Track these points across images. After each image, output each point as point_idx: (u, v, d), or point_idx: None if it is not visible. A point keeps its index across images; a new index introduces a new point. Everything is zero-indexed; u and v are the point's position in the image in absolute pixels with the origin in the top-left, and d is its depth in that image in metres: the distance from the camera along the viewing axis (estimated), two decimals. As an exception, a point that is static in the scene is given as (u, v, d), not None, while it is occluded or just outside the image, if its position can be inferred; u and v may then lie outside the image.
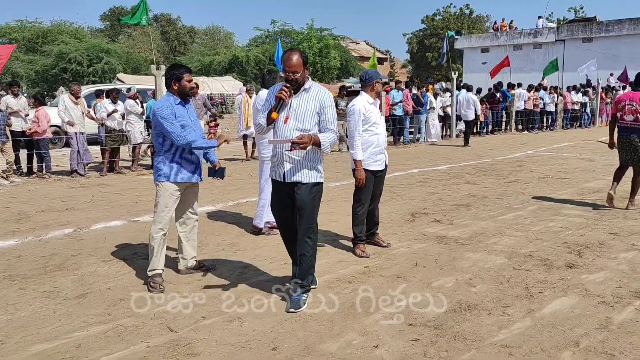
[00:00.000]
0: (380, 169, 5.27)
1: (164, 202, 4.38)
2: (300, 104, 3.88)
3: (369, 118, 5.08)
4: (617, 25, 32.42)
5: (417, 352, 3.23)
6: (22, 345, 3.39)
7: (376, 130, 5.14)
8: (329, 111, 3.93)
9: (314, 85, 3.97)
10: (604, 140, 9.44)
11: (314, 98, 3.90)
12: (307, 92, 3.90)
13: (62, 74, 34.00)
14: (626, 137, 6.87)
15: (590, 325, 3.58)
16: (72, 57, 33.51)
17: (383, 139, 5.24)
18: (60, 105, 10.20)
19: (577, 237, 5.68)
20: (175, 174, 4.35)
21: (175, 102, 4.38)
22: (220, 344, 3.37)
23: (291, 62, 3.79)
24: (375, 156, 5.16)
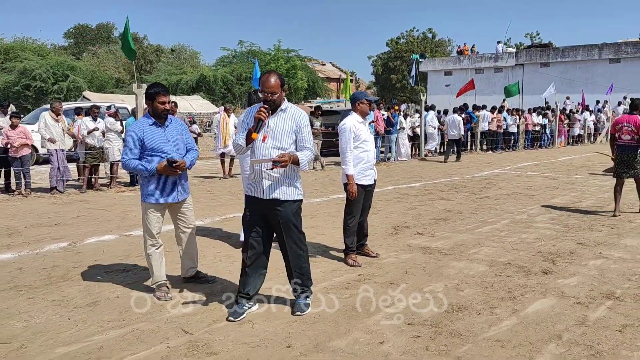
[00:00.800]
0: (370, 183, 5.61)
1: (148, 220, 4.52)
2: (278, 124, 4.06)
3: (359, 136, 5.43)
4: (572, 51, 34.10)
5: (419, 346, 3.56)
6: (45, 349, 3.56)
7: (366, 147, 5.49)
8: (305, 130, 4.15)
9: (290, 105, 4.19)
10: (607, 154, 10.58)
11: (291, 118, 4.11)
12: (283, 112, 4.10)
13: (24, 91, 33.47)
14: (625, 153, 7.81)
15: (570, 322, 3.98)
16: (37, 74, 33.05)
17: (372, 155, 5.59)
18: (41, 122, 10.25)
19: (549, 247, 6.14)
20: (152, 195, 4.45)
21: (149, 123, 4.47)
22: (236, 344, 3.62)
23: (269, 83, 3.98)
24: (365, 171, 5.51)
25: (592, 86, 30.62)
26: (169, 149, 4.46)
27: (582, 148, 22.49)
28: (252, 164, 4.13)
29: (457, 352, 3.48)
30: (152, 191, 4.45)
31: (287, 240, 4.13)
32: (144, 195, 4.49)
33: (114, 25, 61.09)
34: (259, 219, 4.13)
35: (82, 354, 3.47)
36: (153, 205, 4.48)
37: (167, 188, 4.48)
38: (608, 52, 32.75)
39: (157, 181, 4.44)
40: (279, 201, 4.06)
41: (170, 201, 4.53)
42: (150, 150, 4.40)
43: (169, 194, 4.50)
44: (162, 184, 4.46)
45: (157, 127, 4.48)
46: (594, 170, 14.03)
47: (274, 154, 4.00)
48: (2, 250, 6.03)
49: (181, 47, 57.13)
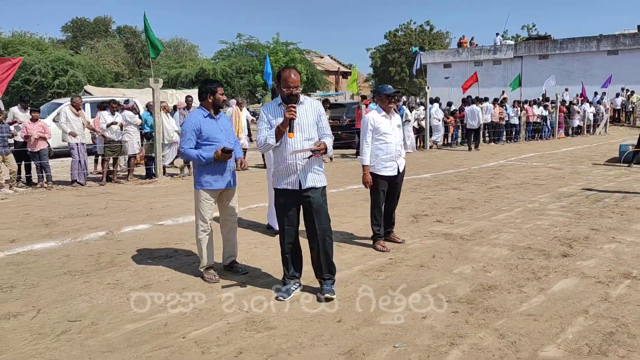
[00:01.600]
0: (391, 174, 5.78)
1: (201, 207, 4.86)
2: (302, 117, 4.30)
3: (377, 129, 5.67)
4: (570, 43, 34.44)
5: (459, 320, 3.88)
6: (115, 325, 3.86)
7: (386, 139, 5.68)
8: (324, 119, 4.46)
9: (306, 98, 4.47)
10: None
11: (311, 109, 4.38)
12: (303, 104, 4.35)
13: (24, 86, 33.55)
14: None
15: (593, 298, 4.31)
16: (36, 69, 33.13)
17: (393, 147, 5.74)
18: (62, 117, 10.50)
19: (564, 232, 6.47)
20: (208, 182, 4.80)
21: (204, 115, 4.84)
22: (290, 319, 3.93)
23: (293, 78, 4.22)
24: (384, 162, 5.71)
25: (590, 78, 30.97)
26: (222, 137, 4.84)
27: (582, 139, 22.86)
28: (281, 157, 4.34)
29: (494, 325, 3.81)
30: (208, 178, 4.79)
31: (317, 227, 4.37)
32: (200, 182, 4.81)
33: (112, 19, 61.01)
34: (293, 209, 4.40)
35: (149, 330, 3.78)
36: (208, 191, 4.82)
37: (220, 176, 4.83)
38: (606, 44, 33.10)
39: (212, 169, 4.78)
40: (312, 189, 4.34)
41: (223, 187, 4.87)
42: (206, 139, 4.75)
43: (222, 181, 4.85)
44: (216, 172, 4.80)
45: (211, 118, 4.85)
46: (597, 161, 14.38)
47: (306, 145, 4.28)
48: (45, 239, 6.31)
49: (179, 41, 57.14)
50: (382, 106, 5.77)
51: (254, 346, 3.51)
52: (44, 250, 5.86)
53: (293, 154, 4.27)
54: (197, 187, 4.87)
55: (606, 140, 21.81)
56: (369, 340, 3.58)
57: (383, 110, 5.76)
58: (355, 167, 13.31)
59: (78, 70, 35.42)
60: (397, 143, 5.79)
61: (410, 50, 46.16)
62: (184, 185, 10.63)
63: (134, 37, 55.29)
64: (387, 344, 3.51)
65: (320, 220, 4.37)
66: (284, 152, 4.31)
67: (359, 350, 3.44)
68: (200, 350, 3.46)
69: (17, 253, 5.74)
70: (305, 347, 3.48)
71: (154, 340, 3.60)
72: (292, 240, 4.47)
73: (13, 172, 9.95)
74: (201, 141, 4.76)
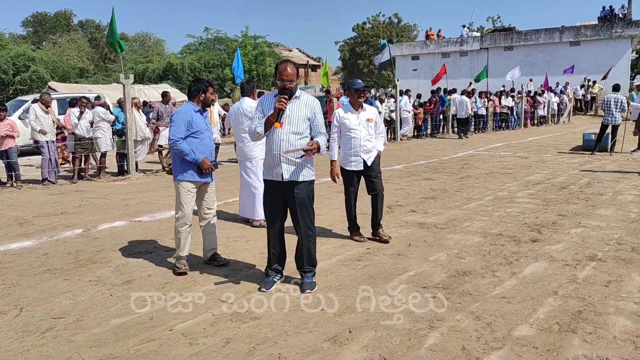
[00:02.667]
0: (356, 169, 5.82)
1: (183, 199, 4.98)
2: (293, 110, 4.40)
3: (344, 124, 5.77)
4: (534, 35, 35.20)
5: (437, 305, 4.05)
6: (100, 321, 3.90)
7: (352, 134, 5.74)
8: (319, 117, 4.53)
9: (303, 93, 4.54)
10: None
11: (305, 105, 4.47)
12: (298, 99, 4.44)
13: (-17, 83, 32.63)
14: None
15: (562, 280, 4.53)
16: (-4, 66, 32.22)
17: (359, 142, 5.75)
18: (31, 114, 10.32)
19: (533, 219, 6.72)
20: (191, 174, 4.96)
21: (195, 110, 5.04)
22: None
23: (288, 72, 4.32)
24: (349, 157, 5.79)
25: (554, 68, 31.75)
26: (207, 134, 5.06)
27: (547, 129, 23.47)
28: (267, 148, 4.46)
29: (470, 308, 3.98)
30: (189, 169, 4.94)
31: (300, 221, 4.47)
32: (182, 174, 4.96)
33: (73, 12, 59.55)
34: (279, 201, 4.50)
35: (136, 324, 3.83)
36: (190, 182, 4.97)
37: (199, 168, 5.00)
38: (568, 36, 33.95)
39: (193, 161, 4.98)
40: (296, 182, 4.42)
41: (205, 180, 5.04)
42: (194, 132, 4.95)
43: (205, 174, 5.04)
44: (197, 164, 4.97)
45: (200, 114, 5.07)
46: (562, 150, 14.83)
47: (292, 138, 4.36)
48: (21, 238, 6.26)
49: (145, 35, 56.19)
50: (351, 101, 5.79)
51: (240, 336, 3.60)
52: (20, 249, 5.82)
53: (286, 154, 4.33)
54: (179, 178, 4.99)
55: (570, 129, 22.45)
56: (352, 326, 3.71)
57: (351, 105, 5.80)
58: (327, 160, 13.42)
59: (40, 66, 34.56)
60: (363, 138, 5.77)
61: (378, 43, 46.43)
62: (158, 181, 10.59)
63: (97, 31, 54.23)
64: (370, 329, 3.65)
65: (302, 215, 4.44)
66: (272, 143, 4.38)
67: (342, 336, 3.56)
68: (188, 341, 3.54)
69: (-7, 253, 5.69)
70: (291, 335, 3.59)
71: (141, 334, 3.66)
72: (276, 233, 4.56)
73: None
74: (190, 133, 4.93)
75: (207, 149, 5.02)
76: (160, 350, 3.43)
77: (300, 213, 4.44)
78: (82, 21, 58.47)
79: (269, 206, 4.55)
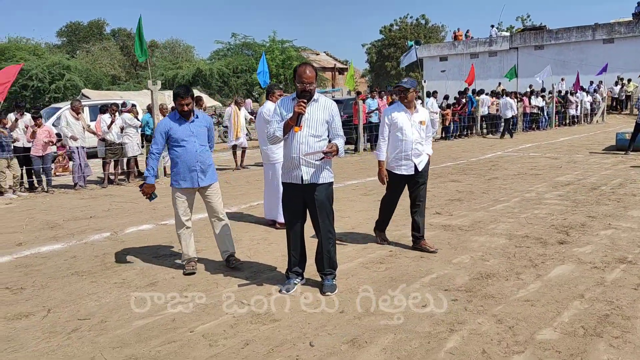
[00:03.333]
0: (407, 173, 5.43)
1: (175, 204, 5.14)
2: (312, 113, 4.39)
3: (395, 124, 5.37)
4: (565, 33, 34.48)
5: (459, 307, 3.99)
6: (124, 322, 3.97)
7: (402, 136, 5.35)
8: (337, 119, 4.52)
9: (321, 96, 4.52)
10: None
11: (323, 107, 4.45)
12: (317, 102, 4.43)
13: (22, 91, 33.62)
14: None
15: (589, 283, 4.42)
16: (33, 74, 33.19)
17: (410, 145, 5.36)
18: (62, 121, 10.60)
19: (561, 220, 6.58)
20: (175, 180, 5.07)
21: (176, 118, 5.09)
22: (294, 312, 4.04)
23: (307, 74, 4.32)
24: (399, 160, 5.42)
25: (586, 67, 31.00)
26: (193, 140, 5.03)
27: (580, 129, 22.96)
28: (287, 151, 4.47)
29: (493, 310, 3.92)
30: (177, 177, 5.05)
31: (320, 224, 4.47)
32: (171, 179, 5.13)
33: (105, 21, 60.99)
34: (298, 204, 4.50)
35: (158, 325, 3.89)
36: (177, 189, 5.08)
37: (185, 175, 5.04)
38: (602, 33, 33.13)
39: (178, 169, 5.05)
40: (315, 185, 4.42)
41: (190, 186, 5.06)
42: (175, 141, 5.01)
43: (187, 180, 5.04)
44: (181, 172, 5.03)
45: (183, 121, 5.06)
46: (594, 150, 14.49)
47: (311, 141, 4.37)
48: (51, 241, 6.42)
49: (175, 42, 57.15)
50: (401, 100, 5.44)
51: (259, 337, 3.62)
52: (50, 252, 5.97)
53: (306, 156, 4.34)
54: (170, 184, 5.17)
55: (603, 129, 21.91)
56: (371, 329, 3.69)
57: (403, 105, 5.42)
58: (353, 163, 13.43)
59: (75, 74, 35.49)
60: (415, 140, 5.38)
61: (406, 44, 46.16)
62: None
63: (129, 39, 55.33)
64: (389, 332, 3.62)
65: (322, 217, 4.44)
66: (291, 146, 4.39)
67: (361, 338, 3.55)
68: (208, 343, 3.57)
69: (25, 256, 5.84)
70: (310, 337, 3.59)
71: (163, 335, 3.71)
72: (297, 235, 4.57)
73: (17, 177, 10.04)
74: (171, 142, 5.05)
75: (192, 157, 4.99)
76: (180, 352, 3.47)
77: (320, 215, 4.44)
78: (114, 30, 59.84)
79: (288, 209, 4.57)
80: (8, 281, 5.00)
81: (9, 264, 5.59)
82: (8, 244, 6.38)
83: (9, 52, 38.72)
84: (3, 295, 4.64)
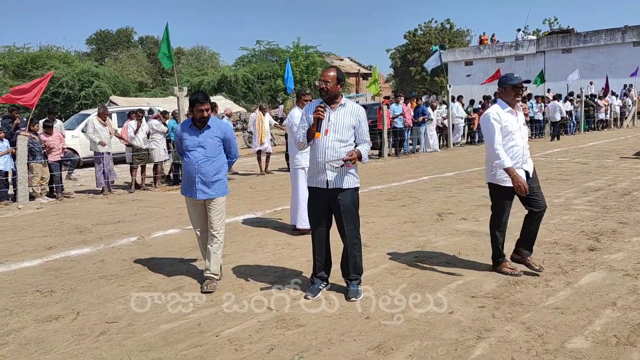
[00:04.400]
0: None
1: (188, 211, 5.09)
2: (338, 118, 4.40)
3: (505, 127, 4.65)
4: (594, 36, 33.92)
5: (486, 315, 3.93)
6: (150, 326, 4.01)
7: (513, 141, 4.67)
8: (364, 125, 4.51)
9: (349, 101, 4.53)
10: None
11: (350, 113, 4.46)
12: (343, 107, 4.45)
13: (53, 98, 34.40)
14: None
15: (622, 291, 4.31)
16: (64, 82, 33.93)
17: (521, 150, 4.72)
18: (89, 127, 10.81)
19: (591, 226, 6.44)
20: (183, 188, 5.00)
21: (189, 125, 4.91)
22: (319, 317, 4.03)
23: (327, 73, 4.37)
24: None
25: (615, 70, 30.44)
26: (199, 151, 4.83)
27: (609, 133, 22.49)
28: (312, 155, 4.49)
29: (521, 318, 3.85)
30: (184, 185, 4.99)
31: (345, 229, 4.46)
32: (181, 188, 5.12)
33: (133, 29, 62.10)
34: (323, 208, 4.50)
35: (184, 329, 3.92)
36: (186, 198, 5.01)
37: (187, 185, 4.92)
38: (632, 35, 32.51)
39: (185, 177, 4.97)
40: (340, 190, 4.42)
41: (190, 196, 4.91)
42: (185, 148, 4.92)
43: (189, 191, 4.92)
44: (187, 180, 4.93)
45: (194, 130, 4.88)
46: (625, 154, 14.17)
47: (337, 146, 4.36)
48: (80, 245, 6.53)
49: (200, 49, 57.84)
50: (506, 100, 4.72)
51: (285, 343, 3.61)
52: (79, 256, 6.07)
53: (328, 163, 4.35)
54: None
55: (634, 133, 21.42)
56: (397, 335, 3.65)
57: (508, 104, 4.72)
58: (378, 168, 13.37)
59: (103, 81, 36.16)
60: (524, 146, 4.75)
61: (430, 49, 45.91)
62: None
63: (156, 46, 56.17)
64: (415, 339, 3.58)
65: (347, 222, 4.43)
66: (316, 150, 4.41)
67: (387, 345, 3.52)
68: (234, 347, 3.58)
69: (55, 259, 5.96)
70: (335, 343, 3.57)
71: (189, 339, 3.74)
72: (321, 240, 4.56)
73: (45, 181, 10.24)
74: (181, 149, 5.01)
75: (192, 168, 4.82)
76: (206, 356, 3.49)
77: (346, 220, 4.43)
78: (142, 37, 60.89)
79: (313, 213, 4.57)
80: (39, 284, 5.10)
81: (39, 267, 5.70)
82: (39, 247, 6.52)
83: (40, 60, 39.66)
84: (34, 297, 4.73)
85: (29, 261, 5.91)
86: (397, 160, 15.30)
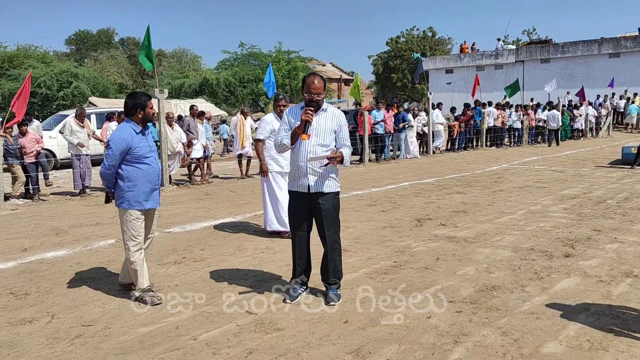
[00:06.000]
0: None
1: (132, 227, 4.58)
2: (320, 123, 4.43)
3: None
4: (572, 47, 34.57)
5: (463, 319, 3.97)
6: (127, 329, 3.97)
7: None
8: (345, 129, 4.54)
9: (329, 106, 4.56)
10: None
11: (332, 117, 4.49)
12: (325, 112, 4.48)
13: (30, 98, 33.82)
14: None
15: (595, 297, 4.39)
16: (42, 82, 33.42)
17: None
18: (66, 129, 10.65)
19: (567, 233, 6.55)
20: (137, 202, 4.51)
21: (136, 132, 4.48)
22: (298, 321, 4.03)
23: (315, 85, 4.35)
24: None
25: (592, 81, 31.08)
26: (153, 155, 4.62)
27: (586, 142, 22.91)
28: (293, 160, 4.51)
29: (497, 323, 3.90)
30: (140, 197, 4.52)
31: (326, 232, 4.47)
32: (129, 201, 4.51)
33: (115, 30, 61.53)
34: (304, 212, 4.51)
35: (161, 333, 3.88)
36: (139, 211, 4.56)
37: (151, 194, 4.61)
38: (608, 47, 33.22)
39: (144, 189, 4.54)
40: (321, 194, 4.43)
41: (153, 207, 4.67)
42: (139, 158, 4.48)
43: (153, 200, 4.64)
44: (149, 191, 4.57)
45: (142, 135, 4.54)
46: (600, 163, 14.45)
47: (318, 150, 4.38)
48: (56, 247, 6.44)
49: (182, 51, 57.48)
50: None
51: (263, 347, 3.61)
52: (55, 258, 5.98)
53: (310, 162, 4.36)
54: (124, 207, 4.54)
55: (609, 143, 21.85)
56: (375, 339, 3.67)
57: None
58: (358, 173, 13.42)
59: (82, 82, 35.71)
60: None
61: (412, 56, 46.33)
62: (190, 194, 10.75)
63: (137, 48, 55.66)
64: (393, 343, 3.60)
65: (328, 226, 4.44)
66: (298, 154, 4.41)
67: (365, 349, 3.53)
68: (212, 351, 3.56)
69: (30, 261, 5.86)
70: (314, 347, 3.58)
71: (166, 343, 3.71)
72: (302, 244, 4.56)
73: (22, 183, 10.07)
74: (132, 158, 4.46)
75: (156, 176, 4.61)
76: (183, 359, 3.46)
77: (327, 224, 4.44)
78: (123, 38, 60.34)
79: (294, 217, 4.57)
80: (12, 286, 5.01)
81: (14, 269, 5.60)
82: (13, 249, 6.40)
83: (17, 59, 39.02)
84: (7, 300, 4.65)
85: (3, 263, 5.81)
86: (378, 166, 15.37)
